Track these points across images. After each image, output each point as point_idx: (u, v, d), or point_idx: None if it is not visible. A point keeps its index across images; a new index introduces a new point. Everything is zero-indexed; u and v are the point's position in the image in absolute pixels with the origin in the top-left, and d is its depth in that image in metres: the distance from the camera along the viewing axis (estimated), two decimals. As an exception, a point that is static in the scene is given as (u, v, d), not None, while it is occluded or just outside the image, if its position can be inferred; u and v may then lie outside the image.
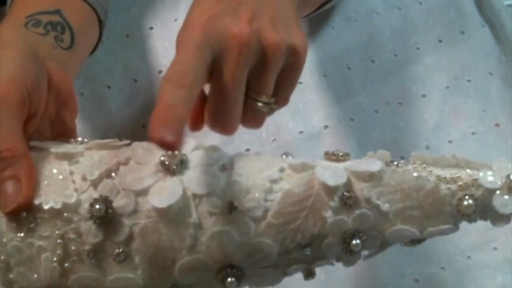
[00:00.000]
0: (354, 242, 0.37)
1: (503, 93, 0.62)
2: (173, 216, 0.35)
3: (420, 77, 0.61)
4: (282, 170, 0.37)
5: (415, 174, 0.37)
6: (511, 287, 0.53)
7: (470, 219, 0.38)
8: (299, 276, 0.51)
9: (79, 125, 0.58)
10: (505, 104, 0.61)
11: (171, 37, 0.60)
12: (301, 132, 0.56)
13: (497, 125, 0.60)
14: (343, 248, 0.37)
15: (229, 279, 0.36)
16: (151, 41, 0.60)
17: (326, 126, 0.57)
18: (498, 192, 0.37)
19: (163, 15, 0.61)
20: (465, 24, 0.64)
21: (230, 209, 0.35)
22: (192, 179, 0.36)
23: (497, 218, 0.38)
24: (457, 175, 0.37)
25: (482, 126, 0.59)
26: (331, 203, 0.36)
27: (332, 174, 0.37)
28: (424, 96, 0.59)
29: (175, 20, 0.61)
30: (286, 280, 0.51)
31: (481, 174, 0.37)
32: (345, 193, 0.36)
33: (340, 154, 0.38)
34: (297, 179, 0.37)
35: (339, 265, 0.51)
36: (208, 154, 0.38)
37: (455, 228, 0.38)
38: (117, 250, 0.36)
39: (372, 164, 0.37)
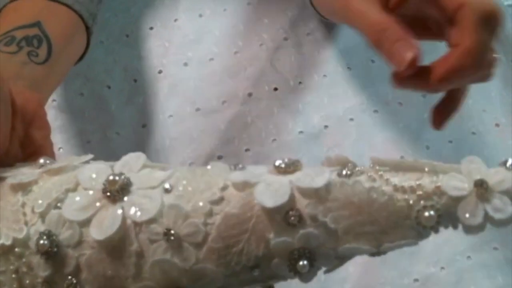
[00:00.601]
0: (300, 263, 0.34)
1: (503, 93, 0.62)
2: (114, 246, 0.34)
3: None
4: (224, 188, 0.35)
5: (367, 186, 0.34)
6: (511, 287, 0.53)
7: (435, 230, 0.34)
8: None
9: (79, 125, 0.58)
10: (505, 104, 0.61)
11: (171, 37, 0.61)
12: (301, 132, 0.56)
13: (497, 125, 0.60)
14: (290, 269, 0.34)
15: None
16: (151, 41, 0.60)
17: (326, 126, 0.57)
18: (464, 200, 0.33)
19: (163, 15, 0.61)
20: (465, 24, 0.64)
21: (168, 236, 0.34)
22: (132, 206, 0.35)
23: (467, 228, 0.34)
24: (418, 182, 0.34)
25: (482, 126, 0.59)
26: (273, 224, 0.34)
27: (273, 193, 0.34)
28: (424, 96, 0.59)
29: (175, 20, 0.61)
30: (286, 280, 0.51)
31: (445, 179, 0.33)
32: (289, 212, 0.34)
33: (289, 165, 0.35)
34: (238, 199, 0.34)
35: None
36: (153, 173, 0.36)
37: (419, 239, 0.34)
38: (67, 282, 0.35)
39: (320, 177, 0.34)
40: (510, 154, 0.58)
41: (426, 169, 0.34)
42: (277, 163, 0.35)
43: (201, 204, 0.34)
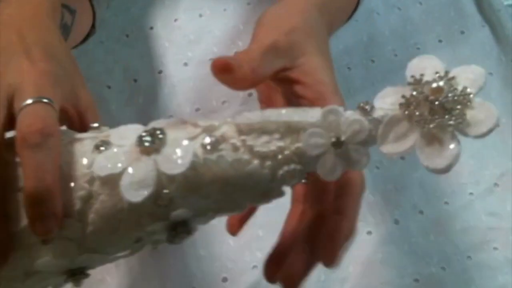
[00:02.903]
0: (180, 235, 0.34)
1: (503, 93, 0.62)
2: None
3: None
4: (91, 181, 0.33)
5: (230, 159, 0.33)
6: (511, 287, 0.53)
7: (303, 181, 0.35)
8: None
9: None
10: (505, 104, 0.61)
11: (171, 37, 0.61)
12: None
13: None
14: (170, 240, 0.34)
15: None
16: (151, 41, 0.60)
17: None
18: (323, 157, 0.33)
19: (163, 15, 0.61)
20: (465, 24, 0.65)
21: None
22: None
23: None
24: (279, 144, 0.33)
25: (482, 126, 0.59)
26: (144, 211, 0.33)
27: (138, 185, 0.32)
28: (424, 96, 0.59)
29: (175, 20, 0.61)
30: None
31: (305, 138, 0.33)
32: (159, 195, 0.33)
33: (154, 140, 0.33)
34: (108, 191, 0.33)
35: (339, 265, 0.52)
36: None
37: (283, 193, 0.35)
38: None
39: (183, 158, 0.32)
40: (510, 154, 0.58)
41: (289, 127, 0.34)
42: (138, 140, 0.33)
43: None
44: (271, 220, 0.53)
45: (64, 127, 0.38)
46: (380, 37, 0.62)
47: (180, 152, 0.33)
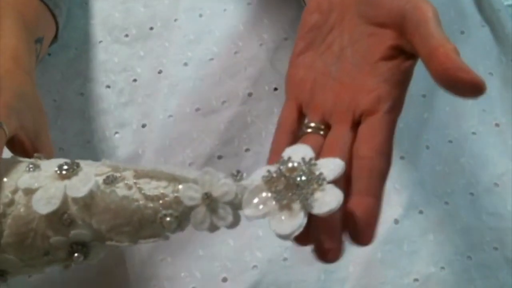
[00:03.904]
0: (75, 255, 0.40)
1: (503, 93, 0.62)
2: None
3: (420, 77, 0.60)
4: (15, 192, 0.41)
5: (120, 194, 0.40)
6: (511, 287, 0.53)
7: (180, 229, 0.40)
8: (299, 276, 0.51)
9: (78, 124, 0.58)
10: (505, 104, 0.61)
11: (171, 37, 0.61)
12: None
13: (497, 125, 0.59)
14: (68, 259, 0.41)
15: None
16: (151, 41, 0.60)
17: (326, 126, 0.57)
18: (196, 209, 0.39)
19: (163, 15, 0.61)
20: (465, 24, 0.64)
21: None
22: None
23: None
24: (162, 191, 0.40)
25: (482, 126, 0.59)
26: (51, 224, 0.40)
27: (48, 200, 0.40)
28: (424, 96, 0.59)
29: (175, 20, 0.61)
30: (286, 279, 0.51)
31: (183, 190, 0.39)
32: (63, 214, 0.40)
33: (69, 169, 0.41)
34: (25, 202, 0.41)
35: (339, 265, 0.52)
36: None
37: (168, 236, 0.41)
38: None
39: (86, 186, 0.40)
40: (510, 154, 0.58)
41: (175, 178, 0.40)
42: (58, 168, 0.41)
43: None
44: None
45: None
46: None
47: (84, 182, 0.40)
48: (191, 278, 0.51)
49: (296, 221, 0.36)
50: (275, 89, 0.58)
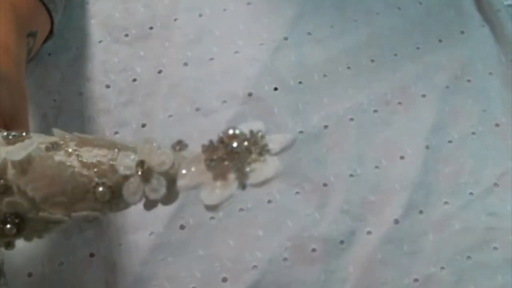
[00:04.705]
0: (7, 226, 0.38)
1: (503, 93, 0.62)
2: None
3: (420, 77, 0.61)
4: None
5: (57, 160, 0.37)
6: (511, 287, 0.53)
7: (114, 206, 0.37)
8: (299, 276, 0.51)
9: (78, 124, 0.58)
10: (505, 104, 0.61)
11: (171, 37, 0.61)
12: (301, 132, 0.56)
13: (497, 125, 0.60)
14: (1, 233, 0.38)
15: None
16: (151, 41, 0.60)
17: (326, 126, 0.57)
18: (130, 179, 0.36)
19: (163, 15, 0.61)
20: (465, 24, 0.64)
21: None
22: None
23: (127, 204, 0.37)
24: (98, 159, 0.37)
25: (482, 126, 0.59)
26: None
27: None
28: (424, 96, 0.59)
29: (175, 20, 0.61)
30: (287, 279, 0.51)
31: (119, 158, 0.36)
32: (1, 179, 0.38)
33: (15, 136, 0.39)
34: None
35: (339, 265, 0.52)
36: None
37: (104, 212, 0.37)
38: None
39: (24, 150, 0.37)
40: (510, 154, 0.58)
41: (115, 146, 0.37)
42: (6, 134, 0.39)
43: None
44: (271, 220, 0.53)
45: None
46: (380, 37, 0.62)
47: (25, 147, 0.38)
48: (191, 278, 0.51)
49: (227, 192, 0.33)
50: (275, 89, 0.58)
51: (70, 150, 0.38)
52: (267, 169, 0.33)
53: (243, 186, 0.34)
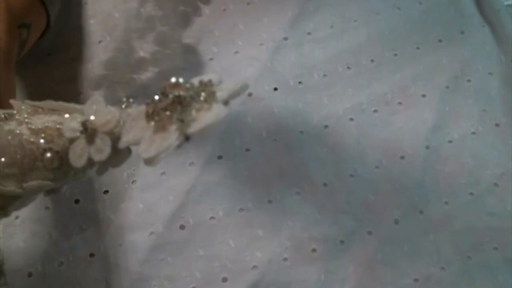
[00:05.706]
0: None
1: (503, 93, 0.62)
2: None
3: (420, 77, 0.61)
4: None
5: (7, 128, 0.35)
6: (511, 287, 0.53)
7: (67, 174, 0.35)
8: (299, 276, 0.51)
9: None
10: (505, 104, 0.61)
11: (171, 37, 0.61)
12: (301, 132, 0.56)
13: (497, 125, 0.60)
14: None
15: None
16: (151, 41, 0.60)
17: (326, 126, 0.57)
18: (76, 142, 0.34)
19: (163, 15, 0.61)
20: (465, 24, 0.64)
21: None
22: None
23: (78, 170, 0.35)
24: (46, 124, 0.35)
25: (482, 126, 0.59)
26: None
27: None
28: (424, 96, 0.59)
29: (175, 20, 0.61)
30: (287, 279, 0.51)
31: (67, 121, 0.34)
32: None
33: None
34: None
35: (339, 265, 0.52)
36: None
37: (57, 182, 0.36)
38: None
39: None
40: (510, 154, 0.58)
41: (65, 110, 0.35)
42: None
43: None
44: (271, 220, 0.53)
45: None
46: (380, 37, 0.62)
47: None
48: (191, 278, 0.51)
49: (165, 143, 0.31)
50: (275, 89, 0.58)
51: (20, 118, 0.36)
52: (209, 115, 0.31)
53: (185, 136, 0.31)
